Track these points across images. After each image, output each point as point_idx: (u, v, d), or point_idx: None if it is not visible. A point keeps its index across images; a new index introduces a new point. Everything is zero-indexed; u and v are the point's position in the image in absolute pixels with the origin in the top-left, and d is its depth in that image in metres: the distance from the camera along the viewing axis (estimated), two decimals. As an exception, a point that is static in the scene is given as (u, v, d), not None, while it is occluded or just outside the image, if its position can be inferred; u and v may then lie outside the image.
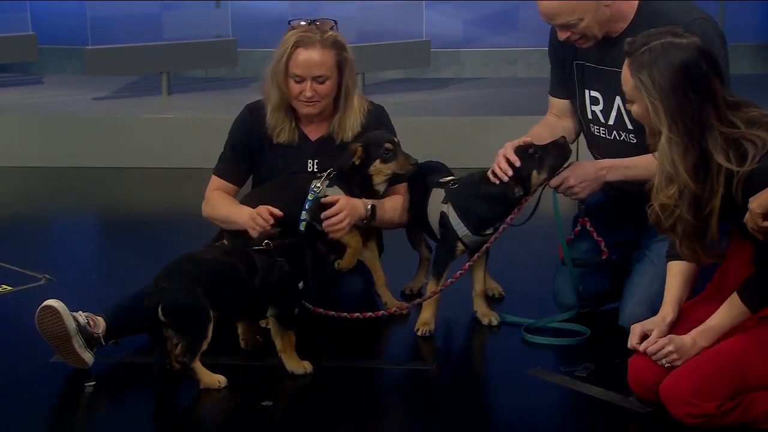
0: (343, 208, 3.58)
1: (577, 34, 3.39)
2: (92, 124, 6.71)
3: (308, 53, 3.64)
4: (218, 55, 7.83)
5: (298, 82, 3.66)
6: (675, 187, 2.74)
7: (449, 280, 3.59)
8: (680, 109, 2.70)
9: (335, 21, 3.75)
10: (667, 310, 2.96)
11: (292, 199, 3.64)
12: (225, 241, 3.73)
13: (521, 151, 3.43)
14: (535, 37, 3.70)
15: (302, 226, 3.62)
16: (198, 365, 3.11)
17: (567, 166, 3.44)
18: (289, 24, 3.73)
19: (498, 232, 3.56)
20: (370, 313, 3.57)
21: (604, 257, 3.56)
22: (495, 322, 3.66)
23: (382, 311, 3.63)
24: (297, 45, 3.64)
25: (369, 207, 3.64)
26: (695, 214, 2.75)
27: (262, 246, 3.31)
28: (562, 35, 3.42)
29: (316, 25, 3.69)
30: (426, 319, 3.62)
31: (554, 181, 3.44)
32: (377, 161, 3.67)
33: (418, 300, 3.69)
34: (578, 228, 3.61)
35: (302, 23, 3.70)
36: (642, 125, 3.39)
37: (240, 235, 3.65)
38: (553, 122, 3.74)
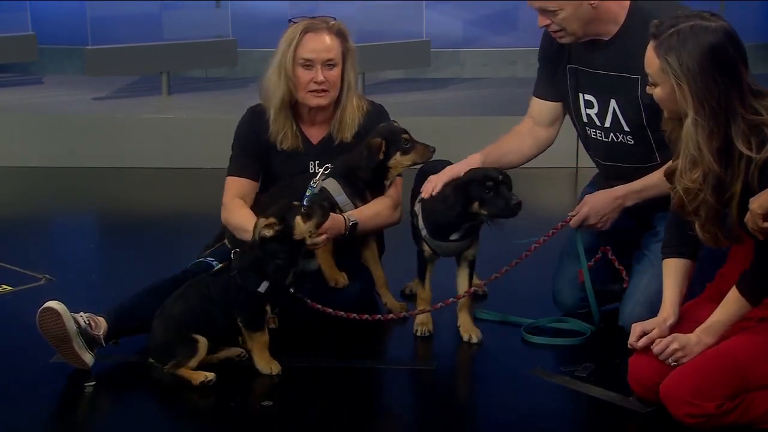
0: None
1: (556, 24, 3.38)
2: (92, 124, 6.71)
3: (318, 37, 3.67)
4: (218, 55, 7.83)
5: (308, 68, 3.66)
6: (699, 171, 2.74)
7: (440, 304, 3.57)
8: (707, 92, 2.69)
9: (334, 18, 3.76)
10: (668, 312, 2.96)
11: (294, 198, 3.64)
12: (226, 242, 3.74)
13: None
14: (535, 37, 3.68)
15: None
16: (182, 371, 3.16)
17: (581, 204, 3.48)
18: (290, 22, 3.74)
19: (500, 273, 3.61)
20: (366, 316, 3.55)
21: (624, 286, 3.56)
22: (475, 340, 3.55)
23: (379, 315, 3.61)
24: (306, 31, 3.67)
25: (350, 224, 3.62)
26: (718, 197, 2.75)
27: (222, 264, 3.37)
28: (542, 21, 3.42)
29: (318, 19, 3.71)
30: (423, 319, 3.62)
31: (574, 222, 3.48)
32: (398, 153, 3.67)
33: (404, 314, 3.68)
34: (599, 255, 3.61)
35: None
36: (639, 127, 3.41)
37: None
38: (525, 132, 3.73)
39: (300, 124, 3.79)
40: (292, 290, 3.41)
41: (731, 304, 2.82)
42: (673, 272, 3.01)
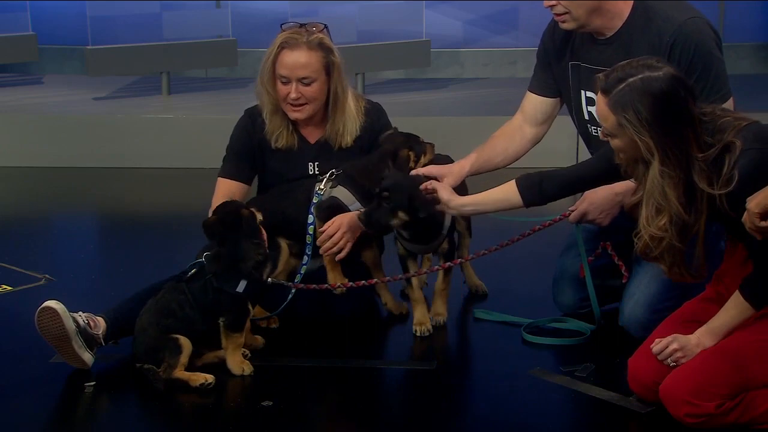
0: (339, 227, 3.57)
1: (563, 6, 3.37)
2: (92, 124, 6.71)
3: (293, 54, 3.65)
4: (218, 55, 7.82)
5: (284, 83, 3.66)
6: (666, 218, 2.75)
7: (426, 270, 3.67)
8: (670, 141, 2.71)
9: (325, 25, 3.75)
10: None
11: (301, 204, 3.65)
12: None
13: None
14: (536, 37, 3.69)
15: (311, 230, 3.63)
16: (179, 373, 3.17)
17: (580, 199, 3.49)
18: (281, 27, 3.73)
19: (453, 262, 3.65)
20: (351, 283, 3.58)
21: (624, 281, 3.56)
22: (426, 332, 3.61)
23: (363, 281, 3.61)
24: (282, 46, 3.66)
25: None
26: (682, 239, 2.77)
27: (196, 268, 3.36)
28: (548, 1, 3.41)
29: (305, 28, 3.69)
30: (420, 318, 3.63)
31: (574, 217, 3.49)
32: (423, 157, 3.71)
33: (389, 279, 3.72)
34: (599, 250, 3.62)
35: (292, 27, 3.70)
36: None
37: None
38: (513, 131, 3.74)
39: (295, 125, 3.79)
40: (270, 280, 3.43)
41: (733, 308, 2.82)
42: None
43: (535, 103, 3.72)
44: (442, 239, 3.59)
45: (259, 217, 3.34)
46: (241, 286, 3.26)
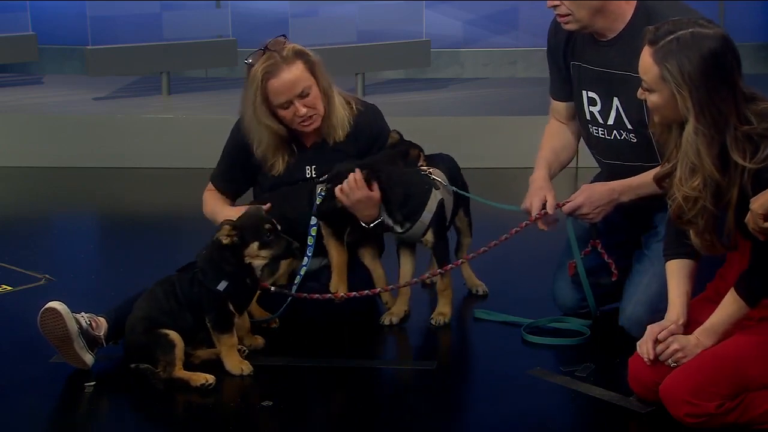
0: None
1: (566, 7, 3.37)
2: (92, 124, 6.71)
3: (281, 78, 3.62)
4: (218, 55, 7.82)
5: (286, 108, 3.65)
6: (699, 178, 2.73)
7: (415, 280, 3.71)
8: (708, 100, 2.69)
9: (284, 35, 3.72)
10: (678, 313, 2.92)
11: (303, 206, 3.66)
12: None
13: None
14: (536, 37, 3.71)
15: (313, 231, 3.63)
16: (179, 372, 3.16)
17: (577, 192, 3.48)
18: (246, 62, 3.69)
19: (455, 264, 3.68)
20: (354, 293, 3.58)
21: (614, 279, 3.56)
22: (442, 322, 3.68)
23: (342, 294, 3.61)
24: (267, 78, 3.62)
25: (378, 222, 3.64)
26: (716, 204, 2.75)
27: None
28: (551, 1, 3.41)
29: (269, 48, 3.65)
30: (394, 309, 3.69)
31: (567, 208, 3.47)
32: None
33: (392, 286, 3.73)
34: (589, 248, 3.61)
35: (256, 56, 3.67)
36: (641, 125, 3.41)
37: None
38: (560, 130, 3.74)
39: (290, 140, 3.78)
40: (273, 288, 3.45)
41: (729, 305, 2.82)
42: (676, 273, 3.00)
43: (560, 108, 3.73)
44: (424, 228, 3.59)
45: (226, 240, 3.26)
46: (222, 285, 3.26)
